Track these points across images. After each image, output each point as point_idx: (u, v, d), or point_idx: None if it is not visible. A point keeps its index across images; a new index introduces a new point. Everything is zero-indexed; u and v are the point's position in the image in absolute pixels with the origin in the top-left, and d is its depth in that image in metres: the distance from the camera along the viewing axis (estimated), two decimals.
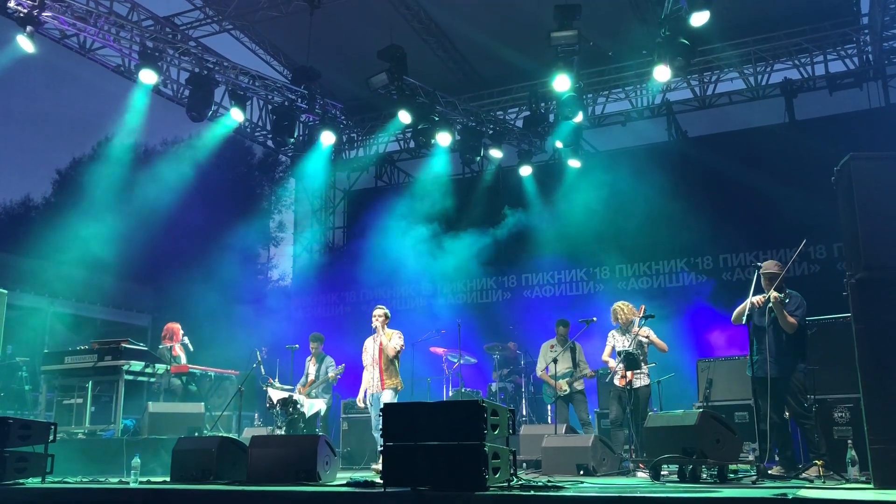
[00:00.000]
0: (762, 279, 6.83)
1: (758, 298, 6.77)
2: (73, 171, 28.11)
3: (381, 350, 8.65)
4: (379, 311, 8.86)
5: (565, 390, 9.28)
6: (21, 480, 6.59)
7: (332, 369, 9.99)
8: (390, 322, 8.97)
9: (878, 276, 5.16)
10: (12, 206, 31.14)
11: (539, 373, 9.76)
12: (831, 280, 9.56)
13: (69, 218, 14.00)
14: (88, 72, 14.92)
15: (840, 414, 6.62)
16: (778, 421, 6.69)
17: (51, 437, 6.92)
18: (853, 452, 5.77)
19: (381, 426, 8.22)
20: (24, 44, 9.76)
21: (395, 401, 8.47)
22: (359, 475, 7.02)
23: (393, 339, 8.66)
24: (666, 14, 9.39)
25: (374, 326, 8.79)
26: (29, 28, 9.65)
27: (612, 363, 8.61)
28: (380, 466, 8.20)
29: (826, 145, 10.36)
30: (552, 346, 9.70)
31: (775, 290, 6.66)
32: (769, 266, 6.94)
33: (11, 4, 9.44)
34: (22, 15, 9.53)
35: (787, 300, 6.65)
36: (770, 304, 6.67)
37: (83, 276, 14.77)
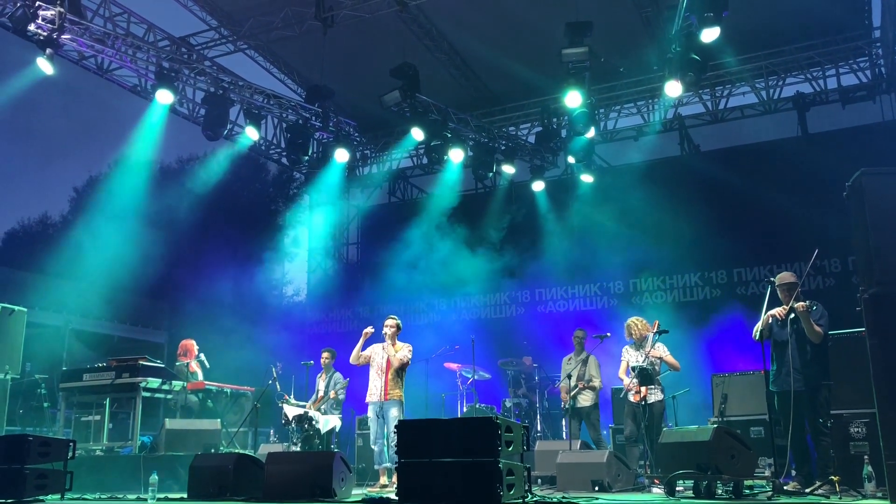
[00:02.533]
0: (779, 291, 6.76)
1: (779, 310, 6.69)
2: (90, 188, 28.36)
3: (388, 360, 8.68)
4: (391, 321, 8.87)
5: (569, 403, 9.29)
6: (41, 497, 6.68)
7: (340, 383, 10.01)
8: (402, 335, 8.99)
9: (892, 290, 5.17)
10: (30, 224, 31.45)
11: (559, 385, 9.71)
12: (846, 294, 9.51)
13: (86, 235, 14.16)
14: (105, 91, 15.13)
15: (856, 429, 6.58)
16: (799, 436, 6.58)
17: (70, 454, 7.00)
18: (869, 468, 5.75)
19: (382, 438, 8.41)
20: (44, 66, 9.92)
21: (403, 414, 8.51)
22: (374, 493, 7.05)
23: (401, 352, 8.67)
24: (676, 30, 9.44)
25: (384, 335, 8.82)
26: (49, 50, 9.80)
27: (626, 381, 8.62)
28: (378, 486, 8.28)
29: (839, 158, 10.34)
30: (569, 360, 9.73)
31: (796, 299, 6.61)
32: (785, 277, 6.86)
33: (32, 28, 9.60)
34: (42, 38, 9.68)
35: (815, 307, 6.61)
36: (792, 316, 6.60)
37: (100, 293, 14.91)
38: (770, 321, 6.73)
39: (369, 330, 8.80)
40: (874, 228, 5.31)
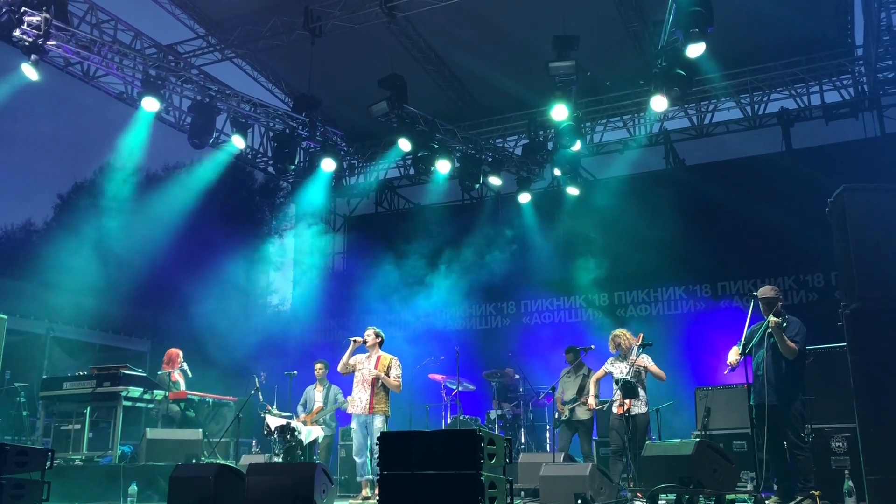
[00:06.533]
0: (761, 304, 6.82)
1: (733, 359, 6.77)
2: (74, 195, 28.18)
3: (373, 376, 8.54)
4: (371, 332, 8.78)
5: (566, 415, 9.29)
6: None
7: (341, 397, 9.95)
8: (388, 347, 8.91)
9: (873, 307, 5.22)
10: (13, 231, 31.18)
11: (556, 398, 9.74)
12: (829, 309, 9.57)
13: (70, 242, 14.03)
14: (91, 98, 15.00)
15: (837, 444, 6.62)
16: (776, 449, 6.61)
17: (48, 464, 6.89)
18: (850, 483, 5.77)
19: (365, 451, 8.34)
20: (29, 72, 9.86)
21: (387, 427, 8.42)
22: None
23: (393, 371, 8.55)
24: (662, 45, 9.50)
25: (367, 346, 8.73)
26: (34, 56, 9.74)
27: (592, 398, 8.73)
28: (360, 498, 8.23)
29: (823, 174, 10.47)
30: (568, 373, 9.70)
31: (773, 315, 6.64)
32: (765, 291, 6.90)
33: (17, 33, 9.52)
34: (27, 44, 9.61)
35: (786, 324, 6.63)
36: (770, 330, 6.64)
37: (83, 301, 14.77)
38: (745, 340, 6.77)
39: (358, 339, 8.74)
40: (855, 244, 5.36)
